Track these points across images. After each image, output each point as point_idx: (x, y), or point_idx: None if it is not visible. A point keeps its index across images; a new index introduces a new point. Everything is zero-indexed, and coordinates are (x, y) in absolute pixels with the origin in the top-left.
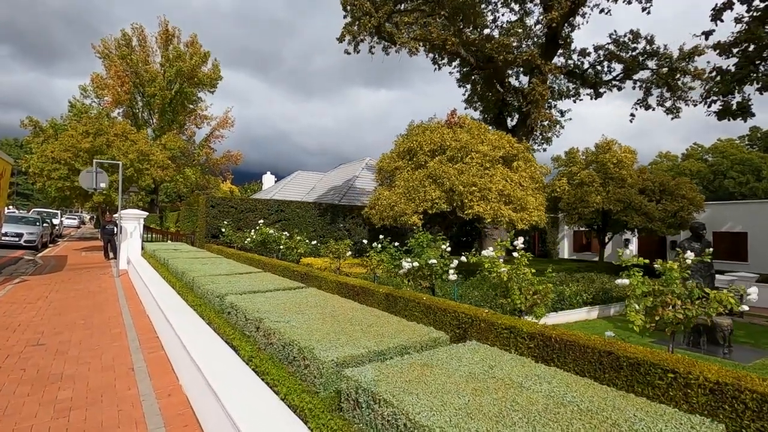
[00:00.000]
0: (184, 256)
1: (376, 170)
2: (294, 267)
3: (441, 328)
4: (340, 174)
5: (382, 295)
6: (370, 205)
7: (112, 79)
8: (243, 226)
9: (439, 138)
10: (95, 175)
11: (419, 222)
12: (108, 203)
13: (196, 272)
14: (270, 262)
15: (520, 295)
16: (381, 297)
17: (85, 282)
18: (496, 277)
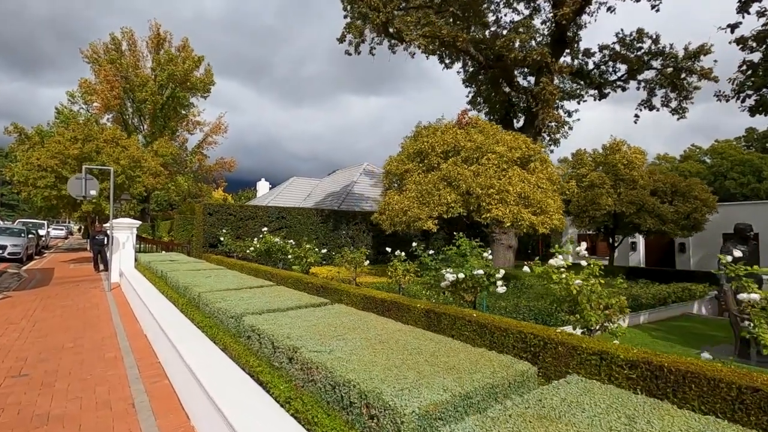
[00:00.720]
0: (184, 268)
1: (383, 173)
2: (308, 279)
3: (502, 352)
4: (338, 179)
5: (421, 311)
6: (380, 210)
7: (101, 83)
8: (242, 235)
9: (452, 139)
10: (84, 182)
11: (434, 227)
12: (98, 212)
13: (202, 287)
14: (279, 273)
15: (592, 311)
16: (419, 313)
17: (74, 297)
18: (562, 288)
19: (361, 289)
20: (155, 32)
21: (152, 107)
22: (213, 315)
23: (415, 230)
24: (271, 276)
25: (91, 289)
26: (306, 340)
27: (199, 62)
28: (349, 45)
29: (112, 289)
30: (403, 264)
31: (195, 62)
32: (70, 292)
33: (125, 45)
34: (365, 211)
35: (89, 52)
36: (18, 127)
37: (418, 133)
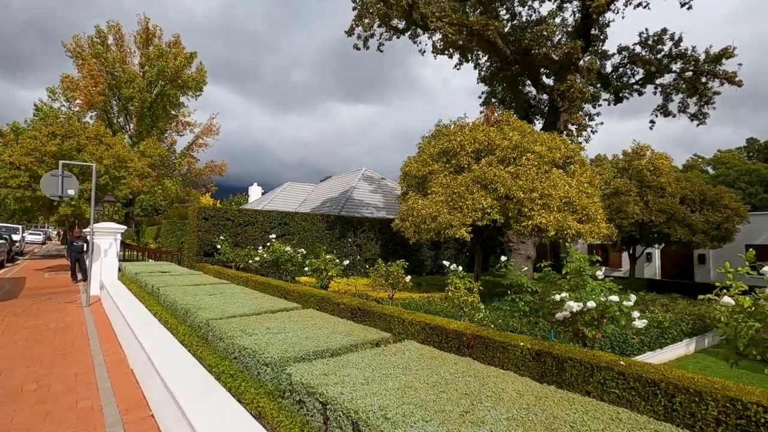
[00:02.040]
0: (179, 282)
1: (401, 176)
2: (337, 298)
3: (694, 426)
4: (335, 185)
5: (527, 352)
6: (401, 216)
7: (85, 79)
8: (241, 242)
9: (485, 137)
10: (61, 179)
11: (467, 236)
12: (77, 216)
13: (208, 310)
14: (296, 289)
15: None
16: (523, 355)
17: (45, 314)
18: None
19: (416, 315)
20: (144, 26)
21: (140, 105)
22: (232, 355)
23: (446, 238)
24: (286, 293)
25: (66, 304)
26: (414, 421)
27: (192, 59)
28: (357, 39)
29: (92, 303)
30: (462, 281)
31: (187, 59)
32: (41, 307)
33: (111, 39)
34: (373, 218)
35: (72, 45)
36: None
37: (438, 132)
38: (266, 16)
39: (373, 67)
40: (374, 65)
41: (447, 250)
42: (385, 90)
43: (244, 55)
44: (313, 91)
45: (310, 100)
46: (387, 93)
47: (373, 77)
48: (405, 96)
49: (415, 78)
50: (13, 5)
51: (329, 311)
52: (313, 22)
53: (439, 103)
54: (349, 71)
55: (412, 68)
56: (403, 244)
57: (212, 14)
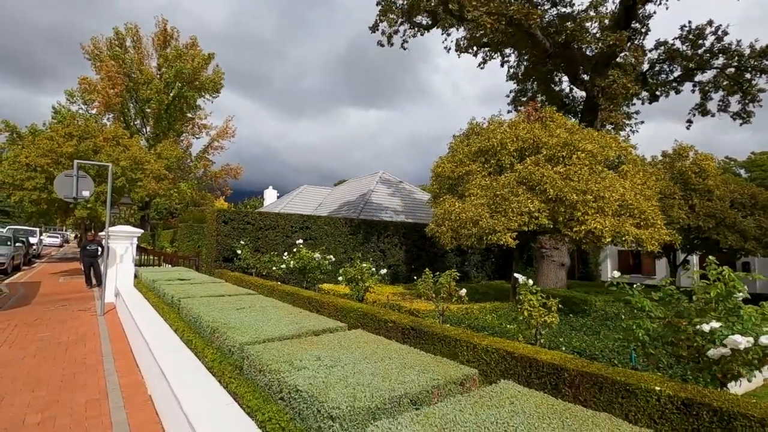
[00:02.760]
0: (201, 292)
1: (432, 177)
2: (383, 315)
3: None
4: (352, 188)
5: (669, 400)
6: (436, 220)
7: (103, 80)
8: (261, 247)
9: (528, 134)
10: (76, 180)
11: (512, 242)
12: (93, 218)
13: (240, 330)
14: (333, 302)
15: None
16: (663, 405)
17: (57, 324)
18: None
19: (490, 340)
20: (162, 28)
21: (157, 107)
22: (278, 395)
23: (488, 244)
24: (320, 305)
25: (79, 312)
26: None
27: (210, 59)
28: (381, 35)
29: (106, 312)
30: (535, 296)
31: (205, 59)
32: (53, 316)
33: (129, 41)
34: (398, 222)
35: (90, 47)
36: (9, 125)
37: (472, 130)
38: (275, 25)
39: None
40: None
41: (473, 256)
42: (394, 95)
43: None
44: (322, 96)
45: (319, 106)
46: (397, 98)
47: (382, 83)
48: (414, 101)
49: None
50: (32, 15)
51: (373, 329)
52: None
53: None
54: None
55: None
56: (427, 249)
57: (223, 23)
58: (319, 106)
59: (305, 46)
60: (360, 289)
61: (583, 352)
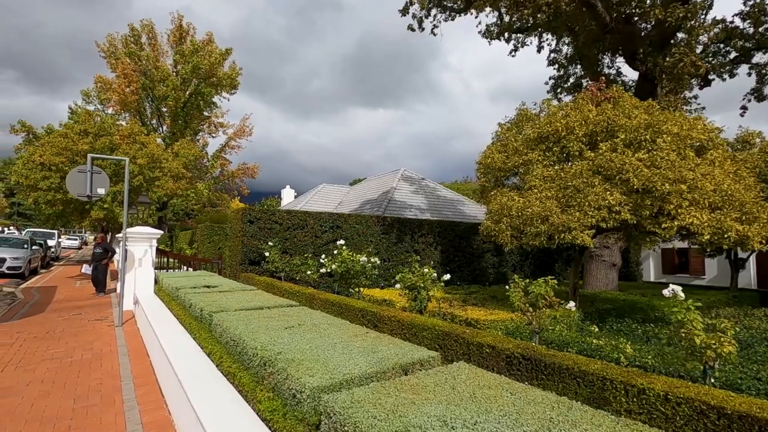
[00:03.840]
0: (234, 304)
1: (479, 169)
2: (473, 337)
3: None
4: (373, 186)
5: None
6: (493, 217)
7: (119, 78)
8: (290, 249)
9: (600, 117)
10: (90, 176)
11: (590, 241)
12: (110, 220)
13: (305, 367)
14: (394, 315)
15: None
16: None
17: (70, 338)
18: None
19: (672, 386)
20: (177, 24)
21: (173, 104)
22: None
23: (561, 244)
24: (378, 320)
25: (95, 323)
26: None
27: (227, 55)
28: (412, 18)
29: (125, 322)
30: (695, 314)
31: (222, 55)
32: (67, 327)
33: (144, 38)
34: (432, 221)
35: (106, 45)
36: (26, 126)
37: (521, 116)
38: (284, 28)
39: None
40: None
41: (510, 256)
42: (403, 95)
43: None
44: (331, 97)
45: (329, 107)
46: (405, 98)
47: (391, 83)
48: (423, 100)
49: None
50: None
51: (459, 354)
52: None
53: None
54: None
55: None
56: (464, 249)
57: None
58: (329, 107)
59: (314, 48)
60: (422, 299)
61: None
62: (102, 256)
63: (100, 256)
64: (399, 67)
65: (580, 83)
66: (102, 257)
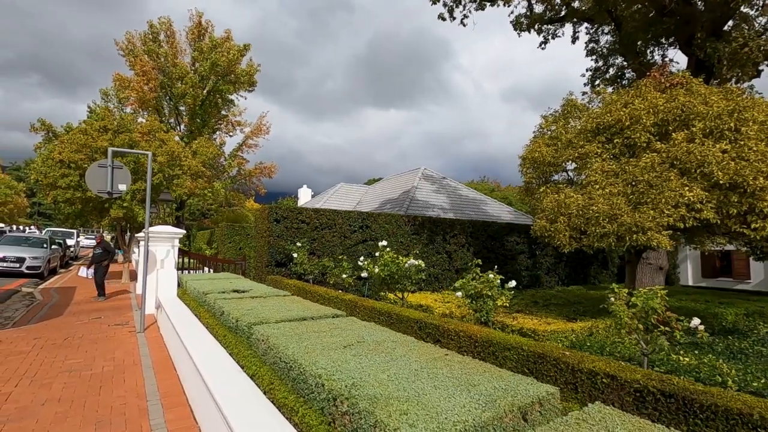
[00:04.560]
0: (273, 313)
1: (523, 164)
2: (579, 362)
3: None
4: (392, 185)
5: None
6: (548, 216)
7: (137, 75)
8: (317, 249)
9: (671, 103)
10: (111, 171)
11: (668, 243)
12: (129, 219)
13: (395, 409)
14: (462, 330)
15: None
16: None
17: (89, 346)
18: None
19: None
20: (196, 22)
21: (192, 102)
22: None
23: (634, 245)
24: (440, 334)
25: (116, 329)
26: None
27: (245, 51)
28: (443, 6)
29: (147, 327)
30: None
31: (240, 51)
32: (86, 333)
33: (163, 36)
34: (465, 220)
35: (124, 43)
36: (45, 124)
37: (569, 107)
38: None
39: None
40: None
41: (545, 258)
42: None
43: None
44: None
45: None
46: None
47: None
48: (435, 101)
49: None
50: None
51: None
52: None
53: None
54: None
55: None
56: (497, 251)
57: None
58: (341, 108)
59: (327, 49)
60: (488, 309)
61: None
62: (102, 257)
63: (100, 257)
64: (411, 68)
65: (623, 73)
66: (102, 258)
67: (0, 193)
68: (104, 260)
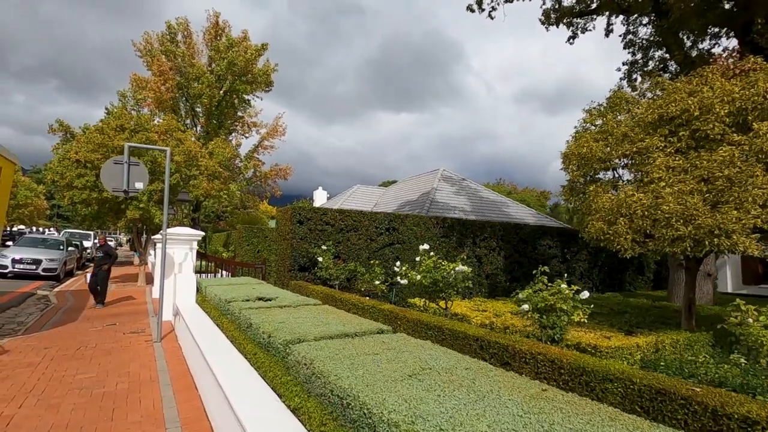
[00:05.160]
0: (309, 328)
1: (570, 161)
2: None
3: None
4: (410, 187)
5: None
6: (603, 217)
7: (155, 75)
8: (342, 253)
9: (748, 90)
10: (127, 168)
11: (756, 249)
12: (146, 220)
13: None
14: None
15: None
16: None
17: (103, 358)
18: None
19: None
20: (213, 22)
21: (208, 102)
22: None
23: (719, 249)
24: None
25: (131, 337)
26: None
27: (263, 50)
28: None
29: (164, 337)
30: None
31: (257, 51)
32: (100, 341)
33: (180, 36)
34: (495, 222)
35: (142, 44)
36: (63, 125)
37: (617, 100)
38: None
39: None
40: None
41: (579, 263)
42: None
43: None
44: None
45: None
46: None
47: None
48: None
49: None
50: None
51: (696, 428)
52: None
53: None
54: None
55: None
56: (528, 255)
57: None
58: (352, 111)
59: (339, 52)
60: (562, 325)
61: None
62: (103, 260)
63: (101, 261)
64: (422, 71)
65: (666, 66)
66: (103, 262)
67: (20, 195)
68: (105, 264)
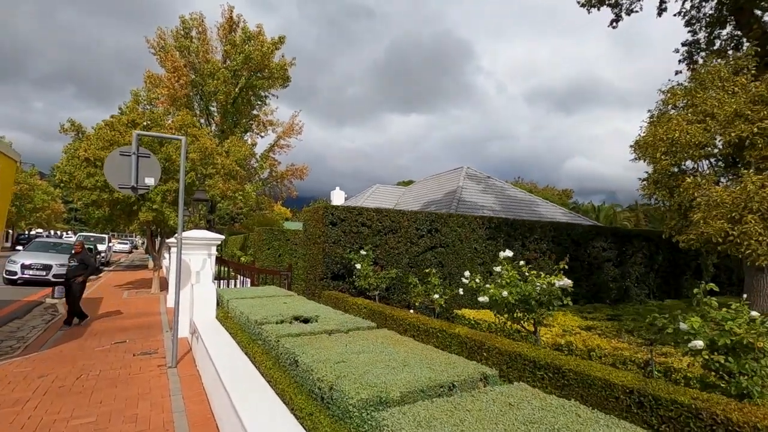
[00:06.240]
0: (388, 373)
1: (657, 149)
2: None
3: None
4: (434, 186)
5: None
6: (724, 215)
7: (168, 71)
8: (380, 258)
9: None
10: (135, 160)
11: None
12: (159, 222)
13: None
14: None
15: None
16: None
17: (107, 390)
18: None
19: None
20: (228, 17)
21: (224, 99)
22: None
23: None
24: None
25: (141, 360)
26: None
27: (280, 43)
28: None
29: (179, 360)
30: None
31: (274, 43)
32: (105, 366)
33: (194, 32)
34: (545, 222)
35: (156, 40)
36: (75, 125)
37: (710, 74)
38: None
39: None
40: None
41: (633, 267)
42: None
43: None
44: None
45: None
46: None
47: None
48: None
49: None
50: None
51: None
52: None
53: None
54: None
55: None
56: (582, 258)
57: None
58: (362, 113)
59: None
60: (764, 373)
61: None
62: (77, 271)
63: (75, 272)
64: (432, 72)
65: (740, 42)
66: (77, 273)
67: (38, 199)
68: (79, 275)
